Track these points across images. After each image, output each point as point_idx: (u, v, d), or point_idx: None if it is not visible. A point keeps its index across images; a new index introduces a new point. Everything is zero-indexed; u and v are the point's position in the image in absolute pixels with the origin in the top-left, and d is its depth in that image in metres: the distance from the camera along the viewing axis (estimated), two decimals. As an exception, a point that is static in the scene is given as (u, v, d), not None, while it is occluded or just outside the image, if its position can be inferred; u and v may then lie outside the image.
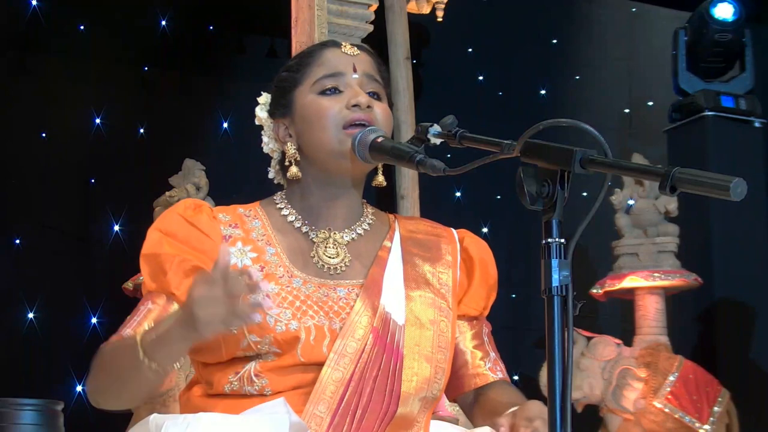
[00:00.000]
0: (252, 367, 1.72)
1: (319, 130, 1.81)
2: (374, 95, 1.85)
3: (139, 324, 1.75)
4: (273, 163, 1.92)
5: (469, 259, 1.92)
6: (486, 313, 1.95)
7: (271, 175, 1.93)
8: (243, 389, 1.72)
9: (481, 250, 1.94)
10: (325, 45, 1.91)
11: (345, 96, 1.81)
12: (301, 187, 1.87)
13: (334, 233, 1.85)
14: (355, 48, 1.88)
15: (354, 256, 1.84)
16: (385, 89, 1.89)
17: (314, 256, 1.82)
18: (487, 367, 1.89)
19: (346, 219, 1.87)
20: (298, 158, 1.85)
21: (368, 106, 1.80)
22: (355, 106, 1.80)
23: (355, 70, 1.84)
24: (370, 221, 1.90)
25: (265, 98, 1.92)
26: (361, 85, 1.83)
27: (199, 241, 1.77)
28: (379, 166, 1.87)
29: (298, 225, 1.85)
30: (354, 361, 1.72)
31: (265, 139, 1.91)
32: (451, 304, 1.85)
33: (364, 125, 1.79)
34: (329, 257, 1.82)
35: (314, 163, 1.84)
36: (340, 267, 1.82)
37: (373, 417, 1.72)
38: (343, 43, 1.89)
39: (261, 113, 1.91)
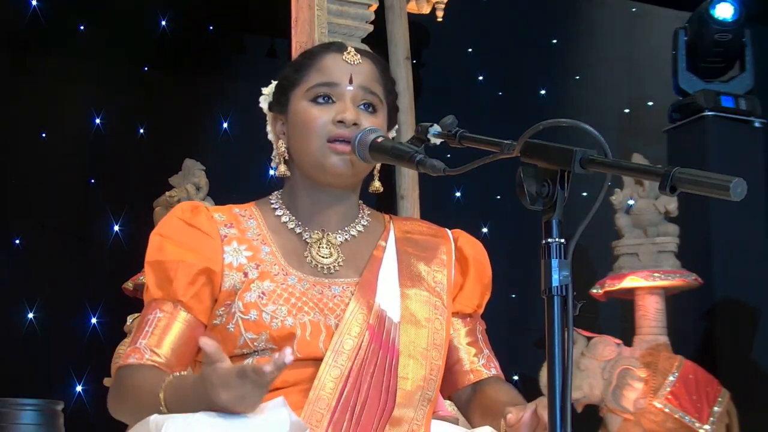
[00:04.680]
0: (250, 362, 1.72)
1: (304, 139, 1.82)
2: (368, 107, 1.84)
3: (152, 334, 1.75)
4: (274, 153, 1.92)
5: (464, 258, 1.92)
6: (480, 311, 1.96)
7: (273, 164, 1.93)
8: (242, 385, 1.72)
9: (475, 249, 1.95)
10: (328, 48, 1.90)
11: (335, 107, 1.82)
12: (292, 189, 1.88)
13: (328, 234, 1.86)
14: (359, 56, 1.87)
15: (348, 256, 1.85)
16: (384, 100, 1.88)
17: (308, 256, 1.83)
18: (480, 364, 1.90)
19: (339, 221, 1.88)
20: (287, 157, 1.86)
21: (354, 123, 1.80)
22: (340, 122, 1.80)
23: (351, 82, 1.83)
24: (366, 223, 1.91)
25: (269, 89, 1.93)
26: (354, 97, 1.83)
27: (201, 242, 1.78)
28: (376, 172, 1.88)
29: (292, 226, 1.86)
30: (351, 357, 1.74)
31: (268, 127, 1.93)
32: (445, 302, 1.86)
33: (347, 142, 1.79)
34: (322, 257, 1.83)
35: (300, 168, 1.85)
36: (334, 267, 1.83)
37: (371, 414, 1.73)
38: (348, 49, 1.87)
39: (263, 104, 1.93)
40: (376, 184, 1.90)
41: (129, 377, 1.73)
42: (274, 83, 1.93)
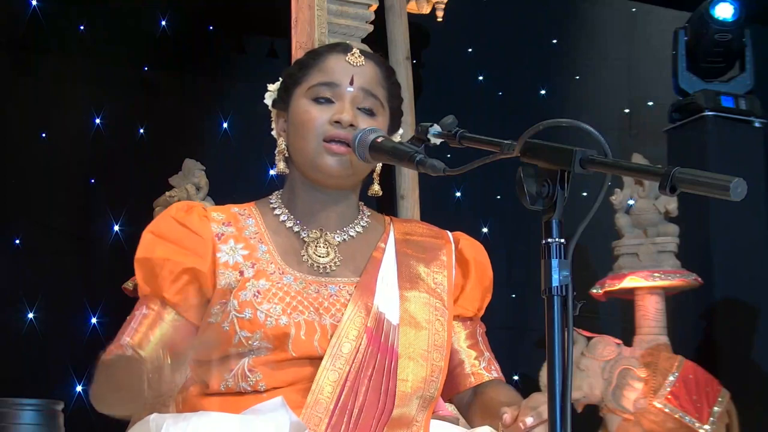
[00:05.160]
0: (245, 362, 1.73)
1: (301, 138, 1.82)
2: (367, 111, 1.84)
3: (136, 331, 1.77)
4: (276, 150, 1.92)
5: (465, 260, 1.92)
6: (480, 314, 1.95)
7: (276, 162, 1.93)
8: (238, 386, 1.73)
9: (476, 251, 1.95)
10: (333, 49, 1.89)
11: (334, 108, 1.82)
12: (292, 187, 1.88)
13: (326, 233, 1.86)
14: (362, 58, 1.86)
15: (346, 256, 1.85)
16: (386, 104, 1.87)
17: (304, 255, 1.82)
18: (482, 367, 1.90)
19: (338, 221, 1.87)
20: (287, 155, 1.87)
21: (351, 125, 1.79)
22: (337, 122, 1.80)
23: (351, 83, 1.83)
24: (365, 223, 1.90)
25: (275, 86, 1.93)
26: (354, 99, 1.83)
27: (190, 241, 1.79)
28: (376, 175, 1.88)
29: (290, 225, 1.86)
30: (349, 361, 1.73)
31: (273, 124, 1.93)
32: (446, 304, 1.85)
33: (344, 143, 1.79)
34: (319, 256, 1.83)
35: (298, 167, 1.85)
36: (330, 266, 1.83)
37: (369, 417, 1.73)
38: (353, 51, 1.87)
39: (268, 100, 1.93)
40: (375, 188, 1.90)
41: (110, 369, 1.72)
42: (281, 80, 1.94)
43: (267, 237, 1.84)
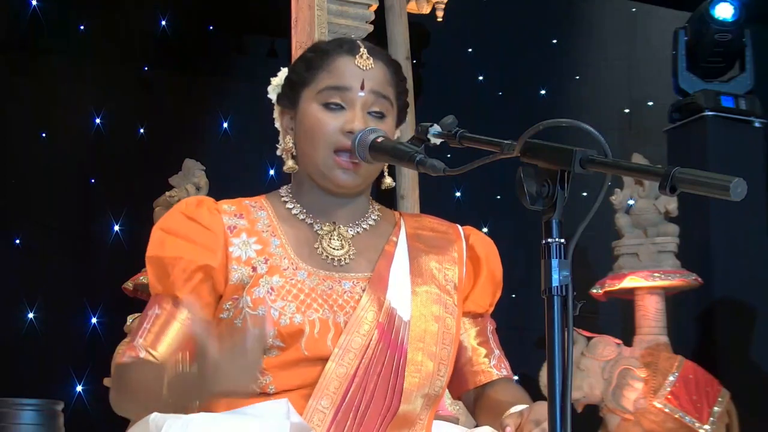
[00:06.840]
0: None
1: (311, 145, 1.81)
2: (378, 114, 1.83)
3: (149, 332, 1.74)
4: (280, 142, 1.90)
5: (476, 256, 1.91)
6: (491, 310, 1.94)
7: (278, 152, 1.92)
8: (247, 387, 1.72)
9: (487, 247, 1.94)
10: (341, 48, 1.86)
11: (345, 115, 1.80)
12: (301, 185, 1.87)
13: (339, 227, 1.85)
14: (371, 60, 1.84)
15: (359, 249, 1.84)
16: (395, 102, 1.86)
17: (318, 248, 1.81)
18: (491, 364, 1.89)
19: (350, 215, 1.86)
20: (294, 153, 1.85)
21: None
22: (349, 132, 1.79)
23: (362, 87, 1.82)
24: (376, 217, 1.90)
25: (278, 80, 1.91)
26: (365, 103, 1.81)
27: (201, 236, 1.77)
28: (386, 168, 1.87)
29: (302, 217, 1.85)
30: (359, 356, 1.72)
31: (275, 114, 1.92)
32: (456, 301, 1.85)
33: (353, 152, 1.78)
34: (333, 249, 1.82)
35: (307, 171, 1.84)
36: (345, 259, 1.81)
37: (375, 413, 1.72)
38: (360, 53, 1.84)
39: (272, 94, 1.91)
40: (387, 181, 1.88)
41: (127, 374, 1.72)
42: (283, 72, 1.91)
43: (280, 229, 1.82)
